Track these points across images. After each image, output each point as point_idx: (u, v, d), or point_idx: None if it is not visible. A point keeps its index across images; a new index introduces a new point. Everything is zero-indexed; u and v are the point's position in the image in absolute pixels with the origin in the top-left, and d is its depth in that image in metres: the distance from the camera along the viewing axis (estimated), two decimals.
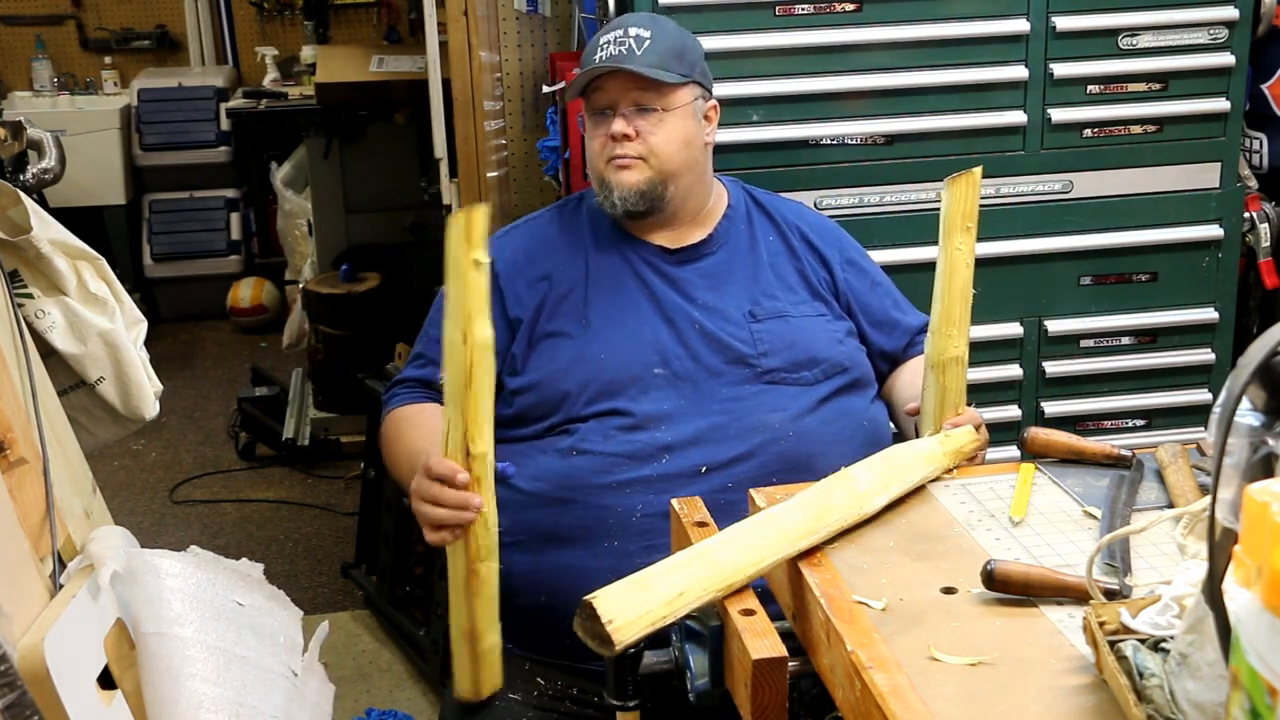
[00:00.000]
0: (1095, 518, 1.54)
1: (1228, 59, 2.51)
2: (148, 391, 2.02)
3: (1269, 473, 0.96)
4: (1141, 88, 2.52)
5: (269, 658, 1.78)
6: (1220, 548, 0.94)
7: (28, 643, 1.47)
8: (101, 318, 1.94)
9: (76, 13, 6.20)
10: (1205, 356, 2.64)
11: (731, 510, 1.74)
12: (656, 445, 1.88)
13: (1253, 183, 2.67)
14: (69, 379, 1.94)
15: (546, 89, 2.71)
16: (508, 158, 2.91)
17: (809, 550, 1.47)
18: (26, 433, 1.66)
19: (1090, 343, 2.62)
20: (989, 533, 1.52)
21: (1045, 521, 1.54)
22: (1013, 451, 2.46)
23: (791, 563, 1.46)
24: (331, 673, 2.06)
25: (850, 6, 2.40)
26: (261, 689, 1.73)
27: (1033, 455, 1.71)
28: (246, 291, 5.79)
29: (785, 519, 1.48)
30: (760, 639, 1.34)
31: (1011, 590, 1.34)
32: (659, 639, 1.44)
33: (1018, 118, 2.49)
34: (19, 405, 1.67)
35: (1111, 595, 1.29)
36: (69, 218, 2.06)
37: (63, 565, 1.64)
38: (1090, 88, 2.50)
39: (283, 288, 5.73)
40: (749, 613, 1.39)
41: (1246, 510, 0.84)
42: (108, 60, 6.14)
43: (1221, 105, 2.53)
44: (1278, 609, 0.81)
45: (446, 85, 2.91)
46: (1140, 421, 2.66)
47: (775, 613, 1.46)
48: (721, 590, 1.41)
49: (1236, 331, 2.66)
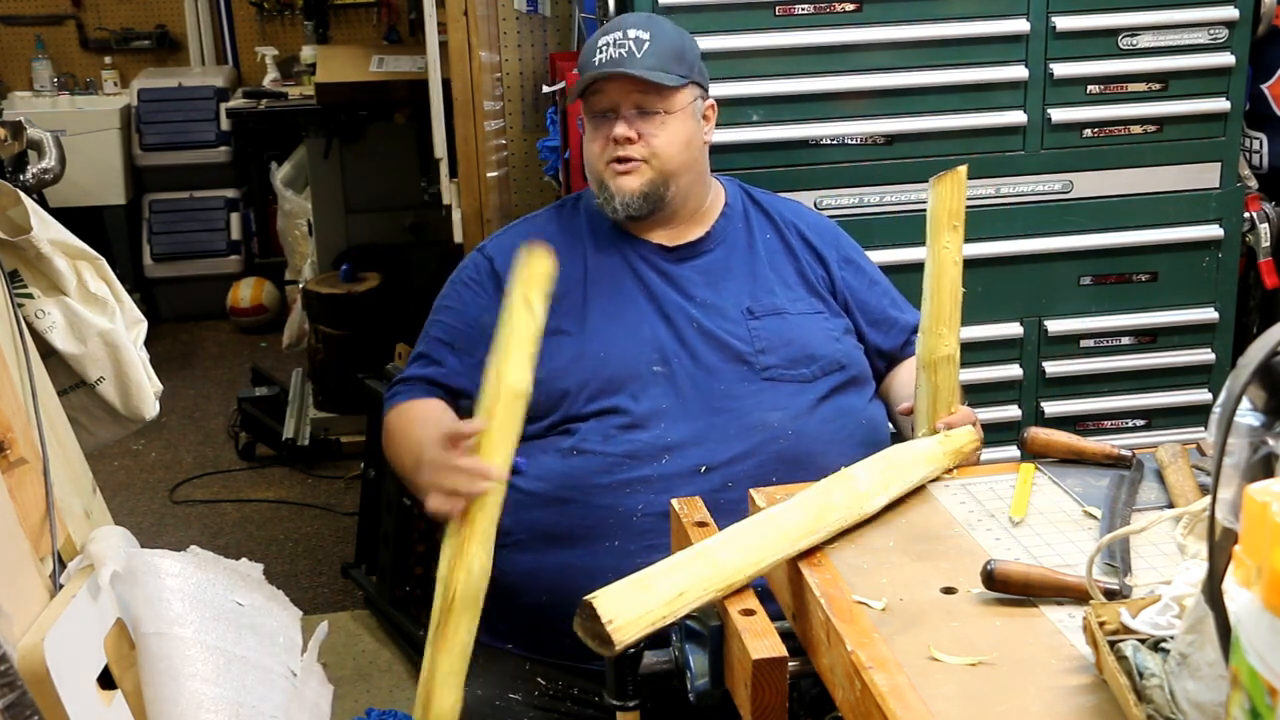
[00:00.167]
0: (1095, 518, 1.54)
1: (1228, 59, 2.51)
2: (148, 391, 2.01)
3: (1269, 473, 0.96)
4: (1141, 88, 2.51)
5: (269, 658, 1.78)
6: (1220, 548, 0.94)
7: (28, 643, 1.47)
8: (101, 318, 1.94)
9: (76, 13, 6.20)
10: (1205, 356, 2.64)
11: (731, 509, 1.74)
12: (657, 445, 1.88)
13: (1253, 183, 2.67)
14: (69, 379, 1.94)
15: (546, 89, 2.71)
16: (508, 158, 2.91)
17: (809, 550, 1.47)
18: (26, 433, 1.66)
19: (1090, 343, 2.61)
20: (989, 533, 1.52)
21: (1045, 521, 1.54)
22: (1013, 451, 2.46)
23: (791, 563, 1.46)
24: (331, 673, 2.05)
25: (850, 6, 2.40)
26: (261, 689, 1.73)
27: (1033, 455, 1.71)
28: (246, 291, 5.79)
29: (785, 519, 1.48)
30: (760, 639, 1.35)
31: (1011, 590, 1.34)
32: (659, 639, 1.44)
33: (1018, 118, 2.48)
34: (19, 405, 1.67)
35: (1111, 595, 1.29)
36: (69, 218, 2.06)
37: (63, 565, 1.64)
38: (1090, 88, 2.50)
39: (283, 288, 5.73)
40: (749, 613, 1.39)
41: (1246, 510, 0.84)
42: (108, 60, 6.14)
43: (1221, 105, 2.53)
44: (1278, 609, 0.81)
45: (446, 85, 2.91)
46: (1140, 421, 2.66)
47: (775, 612, 1.46)
48: (721, 590, 1.41)
49: (1236, 331, 2.66)
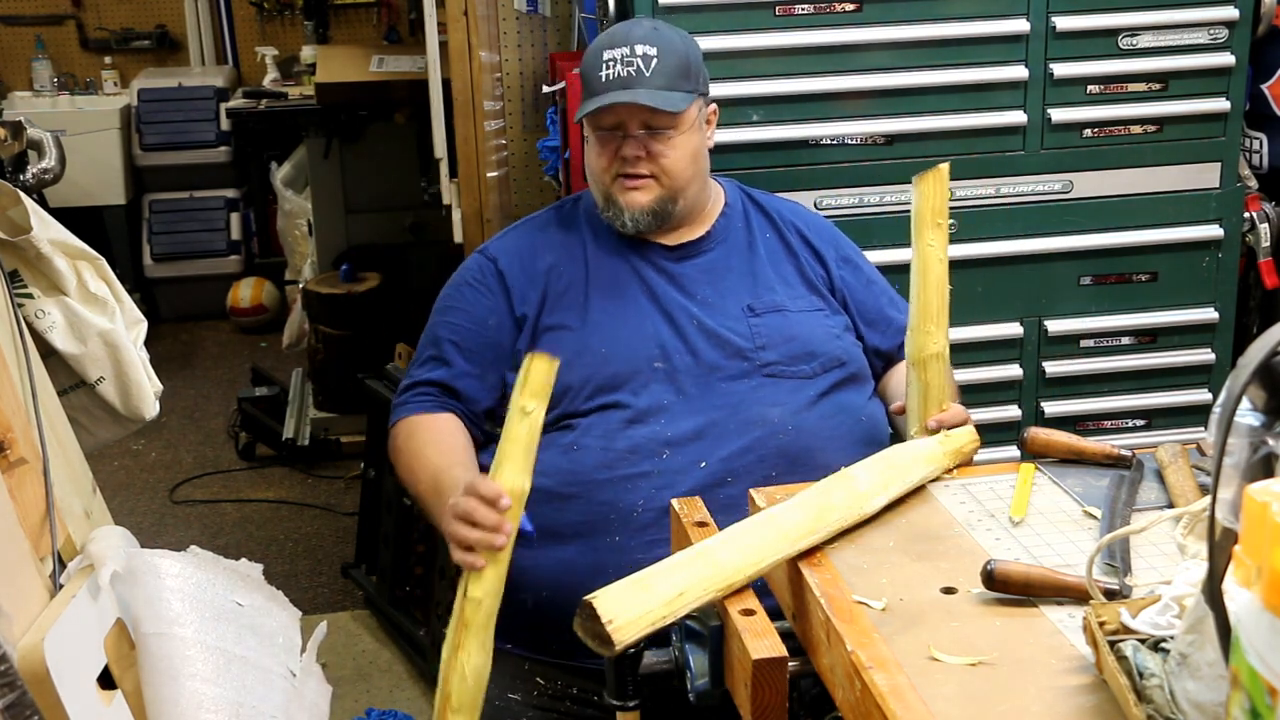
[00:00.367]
0: (1095, 518, 1.54)
1: (1228, 59, 2.51)
2: (148, 391, 2.01)
3: (1269, 473, 0.96)
4: (1141, 88, 2.51)
5: (268, 658, 1.78)
6: (1220, 548, 0.94)
7: (28, 643, 1.47)
8: (101, 318, 1.94)
9: (76, 13, 6.20)
10: (1205, 356, 2.64)
11: (732, 504, 1.74)
12: (658, 440, 1.89)
13: (1253, 183, 2.67)
14: (69, 379, 1.94)
15: (546, 89, 2.71)
16: (508, 158, 2.91)
17: (809, 550, 1.47)
18: (26, 433, 1.66)
19: (1090, 343, 2.61)
20: (989, 533, 1.52)
21: (1045, 521, 1.54)
22: (1013, 451, 2.46)
23: (791, 563, 1.46)
24: (331, 673, 2.06)
25: (850, 6, 2.40)
26: (261, 689, 1.73)
27: (1033, 455, 1.71)
28: (246, 291, 5.79)
29: (785, 519, 1.48)
30: (760, 639, 1.35)
31: (1011, 590, 1.34)
32: (659, 639, 1.44)
33: (1018, 118, 2.48)
34: (19, 405, 1.67)
35: (1111, 595, 1.29)
36: (69, 218, 2.06)
37: (63, 565, 1.64)
38: (1090, 88, 2.50)
39: (283, 288, 5.73)
40: (749, 613, 1.39)
41: (1246, 510, 0.84)
42: (108, 60, 6.14)
43: (1221, 105, 2.53)
44: (1278, 609, 0.81)
45: (446, 85, 2.91)
46: (1140, 421, 2.66)
47: (772, 608, 1.46)
48: (721, 590, 1.41)
49: (1236, 331, 2.66)
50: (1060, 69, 2.47)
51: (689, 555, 1.44)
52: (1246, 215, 2.63)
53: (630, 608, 1.35)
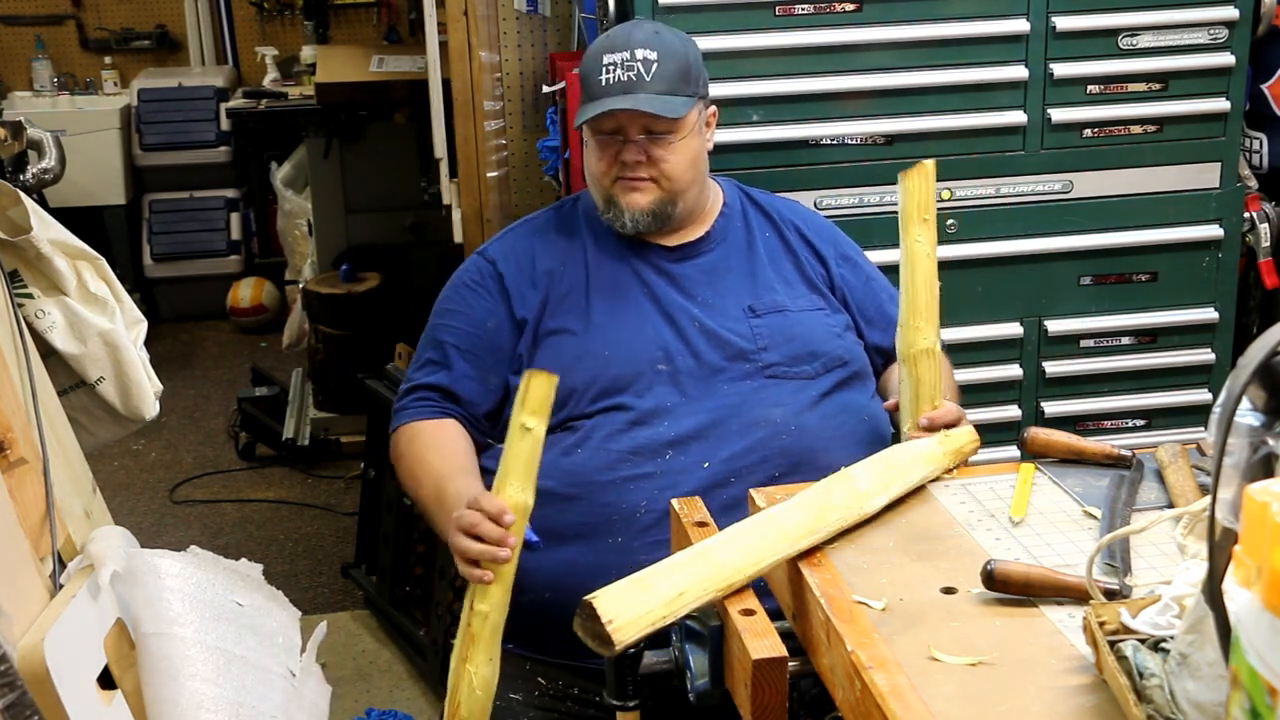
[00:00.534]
0: (1095, 518, 1.54)
1: (1228, 59, 2.51)
2: (148, 391, 2.01)
3: (1269, 473, 0.96)
4: (1141, 88, 2.52)
5: (268, 658, 1.78)
6: (1220, 548, 0.94)
7: (28, 643, 1.47)
8: (101, 318, 1.94)
9: (76, 13, 6.20)
10: (1205, 356, 2.64)
11: (734, 505, 1.74)
12: (660, 441, 1.89)
13: (1253, 183, 2.67)
14: (69, 379, 1.94)
15: (546, 89, 2.71)
16: (508, 158, 2.91)
17: (809, 550, 1.47)
18: (26, 433, 1.66)
19: (1090, 343, 2.61)
20: (989, 533, 1.52)
21: (1045, 521, 1.54)
22: (1013, 451, 2.46)
23: (791, 563, 1.46)
24: (331, 673, 2.06)
25: (850, 6, 2.40)
26: (261, 689, 1.73)
27: (1033, 455, 1.71)
28: (246, 291, 5.79)
29: (785, 519, 1.48)
30: (760, 639, 1.35)
31: (1011, 590, 1.34)
32: (659, 639, 1.44)
33: (1018, 118, 2.49)
34: (19, 405, 1.67)
35: (1111, 595, 1.29)
36: (69, 218, 2.06)
37: (63, 565, 1.64)
38: (1090, 88, 2.50)
39: (283, 288, 5.73)
40: (749, 613, 1.39)
41: (1246, 510, 0.84)
42: (108, 60, 6.14)
43: (1221, 105, 2.53)
44: (1278, 609, 0.81)
45: (446, 85, 2.91)
46: (1140, 421, 2.66)
47: (773, 609, 1.46)
48: (721, 590, 1.41)
49: (1236, 331, 2.66)
50: (1060, 69, 2.47)
51: (689, 555, 1.44)
52: (1246, 215, 2.63)
53: (630, 608, 1.35)
